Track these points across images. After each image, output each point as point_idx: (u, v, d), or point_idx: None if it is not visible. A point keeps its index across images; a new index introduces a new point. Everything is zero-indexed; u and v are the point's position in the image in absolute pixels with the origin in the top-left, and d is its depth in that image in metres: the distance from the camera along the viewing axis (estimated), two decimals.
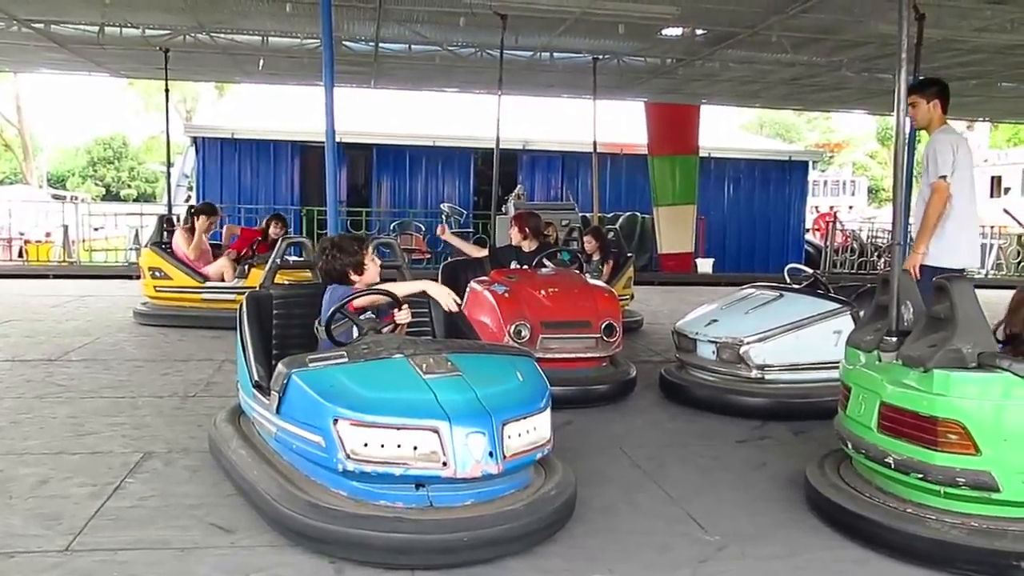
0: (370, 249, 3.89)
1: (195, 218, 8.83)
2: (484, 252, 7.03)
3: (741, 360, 5.29)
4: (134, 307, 8.78)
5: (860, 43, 9.46)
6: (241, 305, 4.11)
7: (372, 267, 3.85)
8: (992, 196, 30.15)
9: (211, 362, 6.56)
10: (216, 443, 3.94)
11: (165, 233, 9.13)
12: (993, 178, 31.81)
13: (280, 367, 3.29)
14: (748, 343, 5.27)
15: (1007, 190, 31.00)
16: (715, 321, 5.63)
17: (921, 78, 5.63)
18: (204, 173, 17.29)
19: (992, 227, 21.01)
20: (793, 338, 5.28)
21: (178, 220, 9.43)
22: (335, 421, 2.94)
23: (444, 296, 3.83)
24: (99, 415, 4.88)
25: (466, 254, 7.21)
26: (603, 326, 5.54)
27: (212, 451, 4.01)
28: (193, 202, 16.12)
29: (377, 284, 3.83)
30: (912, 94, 4.95)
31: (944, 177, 4.83)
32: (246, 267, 8.56)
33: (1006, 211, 22.81)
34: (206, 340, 7.50)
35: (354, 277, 3.80)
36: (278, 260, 6.40)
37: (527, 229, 6.69)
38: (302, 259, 8.31)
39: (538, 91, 14.49)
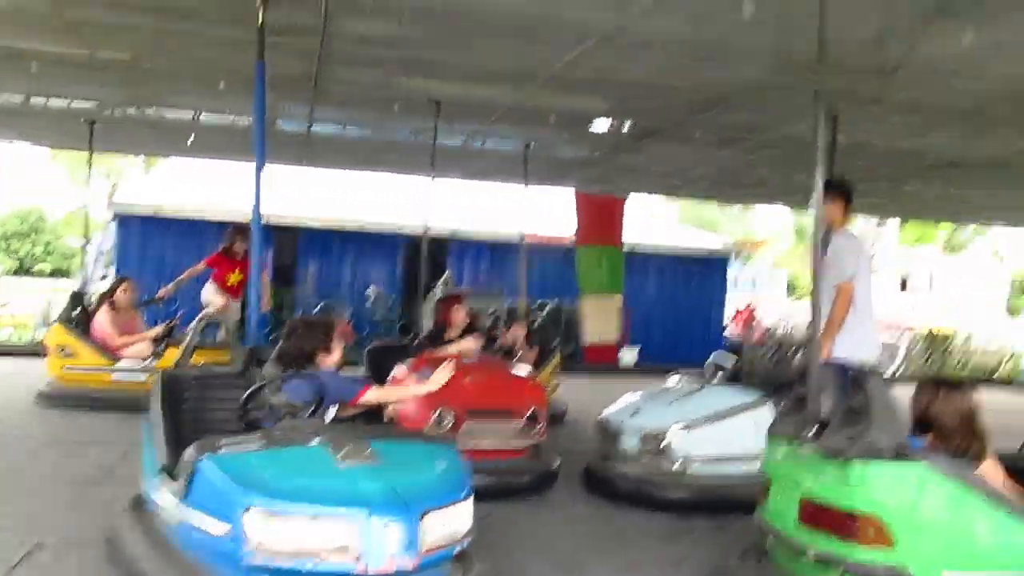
0: (337, 333, 3.87)
1: (113, 294, 8.56)
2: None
3: (664, 451, 5.29)
4: (38, 388, 8.33)
5: (778, 142, 9.90)
6: (153, 386, 3.94)
7: (338, 351, 3.81)
8: (902, 291, 31.50)
9: (116, 446, 6.23)
10: (114, 535, 3.69)
11: (78, 310, 8.79)
12: (901, 275, 33.32)
13: (190, 451, 3.13)
14: (671, 434, 5.27)
15: (914, 287, 32.47)
16: (639, 411, 5.65)
17: (826, 179, 5.94)
18: (124, 250, 16.80)
19: (901, 323, 21.89)
20: (715, 429, 5.31)
21: (92, 297, 9.12)
22: (245, 510, 2.79)
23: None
24: None
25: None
26: (527, 415, 5.49)
27: (109, 544, 3.75)
28: (110, 279, 15.65)
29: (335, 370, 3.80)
30: None
31: (849, 280, 5.14)
32: (161, 347, 8.26)
33: (913, 308, 23.82)
34: (113, 423, 7.14)
35: (320, 358, 3.75)
36: (195, 339, 6.20)
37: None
38: (220, 340, 8.08)
39: (470, 176, 14.70)
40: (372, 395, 3.74)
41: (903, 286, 32.85)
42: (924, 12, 5.44)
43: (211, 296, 9.24)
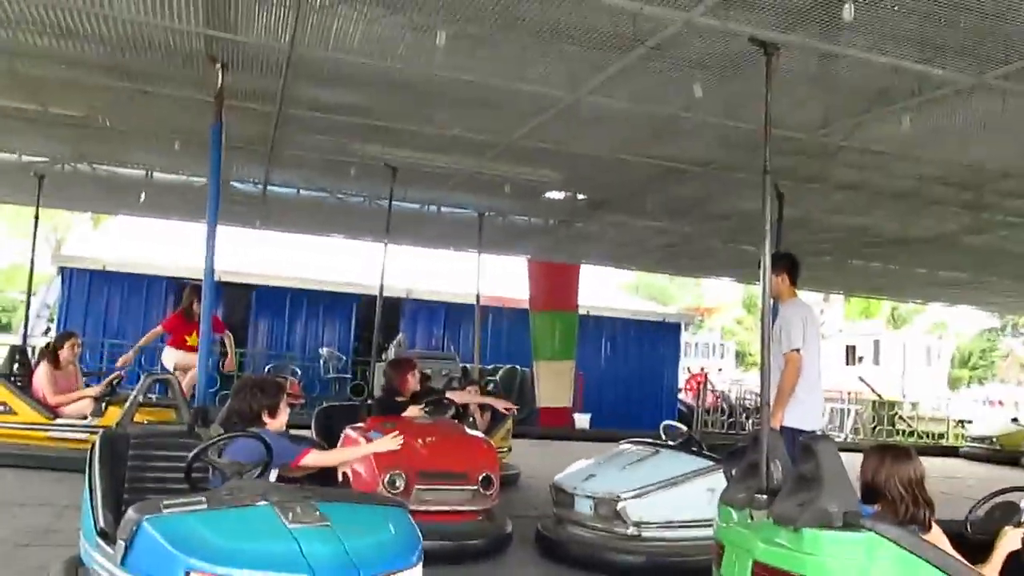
0: (285, 395, 3.82)
1: (58, 349, 8.34)
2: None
3: (618, 516, 5.27)
4: None
5: (726, 216, 10.17)
6: (93, 445, 3.82)
7: (284, 413, 3.76)
8: (847, 364, 32.15)
9: (51, 507, 6.00)
10: None
11: (17, 365, 8.54)
12: (848, 347, 34.05)
13: (130, 512, 3.03)
14: (625, 499, 5.27)
15: (860, 359, 33.16)
16: (592, 476, 5.63)
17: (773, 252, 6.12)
18: (68, 305, 16.45)
19: (849, 393, 22.29)
20: (669, 495, 5.32)
21: (33, 352, 8.87)
22: (186, 574, 2.70)
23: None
24: None
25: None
26: (480, 478, 5.44)
27: None
28: (52, 335, 15.23)
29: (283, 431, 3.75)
30: None
31: (797, 350, 5.21)
32: (103, 404, 8.03)
33: (861, 379, 24.30)
34: (50, 483, 6.88)
35: (267, 419, 3.68)
36: (139, 397, 6.04)
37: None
38: (166, 397, 7.89)
39: (425, 242, 14.75)
40: (312, 458, 3.68)
41: (849, 358, 33.53)
42: (865, 98, 5.72)
43: (178, 358, 8.89)
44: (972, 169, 7.48)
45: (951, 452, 17.97)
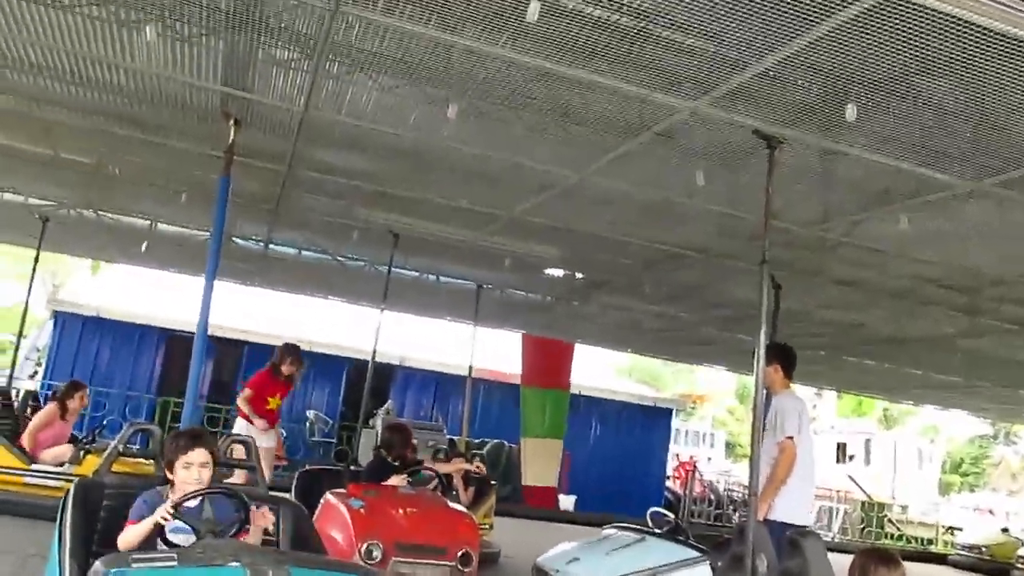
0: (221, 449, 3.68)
1: (67, 399, 8.22)
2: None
3: None
4: None
5: (723, 304, 10.20)
6: (67, 493, 3.73)
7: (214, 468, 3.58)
8: (838, 462, 31.81)
9: (14, 556, 5.82)
10: None
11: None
12: (839, 444, 33.75)
13: (97, 565, 2.94)
14: None
15: (851, 457, 32.83)
16: (576, 559, 5.51)
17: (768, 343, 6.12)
18: (58, 349, 16.36)
19: (838, 491, 22.00)
20: None
21: (17, 395, 8.76)
22: None
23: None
24: None
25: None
26: (460, 554, 5.31)
27: None
28: (39, 378, 15.11)
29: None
30: None
31: (791, 438, 5.18)
32: (80, 452, 7.88)
33: (851, 477, 24.02)
34: (18, 530, 6.71)
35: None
36: (119, 447, 5.93)
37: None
38: (147, 448, 7.73)
39: (421, 310, 14.76)
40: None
41: (840, 455, 33.21)
42: (865, 196, 5.81)
43: (244, 428, 7.79)
44: (969, 273, 7.54)
45: (940, 559, 17.65)
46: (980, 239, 6.42)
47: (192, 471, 3.42)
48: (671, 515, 6.59)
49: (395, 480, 6.19)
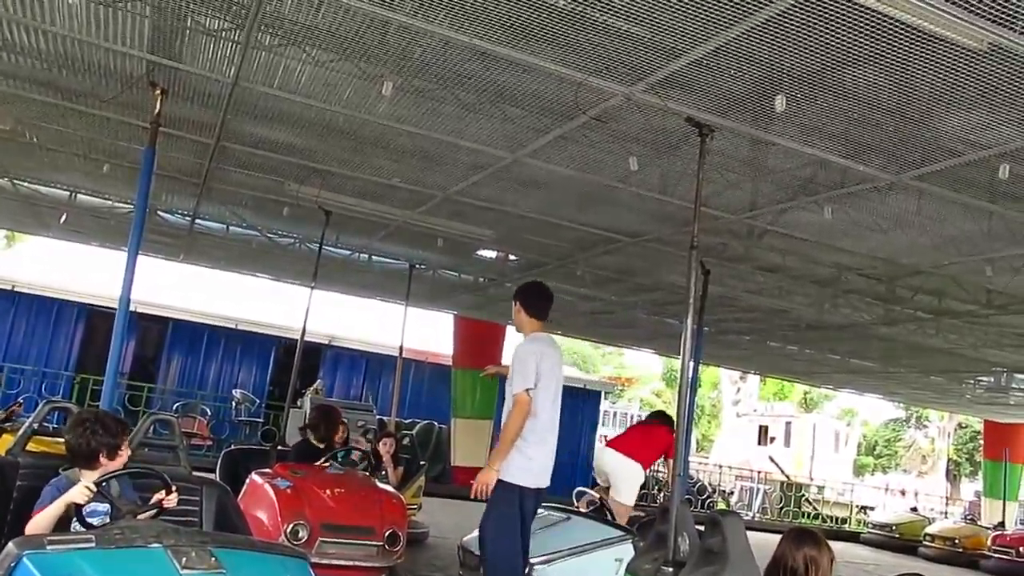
0: (128, 437, 3.54)
1: None
2: None
3: None
4: None
5: (653, 288, 10.37)
6: None
7: (124, 455, 3.46)
8: (759, 444, 32.80)
9: None
10: None
11: None
12: (761, 427, 34.77)
13: (10, 546, 2.83)
14: (534, 564, 5.19)
15: (772, 439, 33.87)
16: None
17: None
18: None
19: (758, 472, 22.69)
20: (577, 562, 5.27)
21: None
22: None
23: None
24: None
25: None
26: (387, 534, 5.31)
27: None
28: None
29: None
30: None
31: (528, 390, 4.54)
32: None
33: (771, 459, 24.79)
34: None
35: (104, 460, 3.37)
36: (35, 425, 5.73)
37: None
38: (64, 427, 7.49)
39: (352, 290, 14.61)
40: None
41: (761, 438, 34.21)
42: (791, 185, 5.97)
43: None
44: (887, 263, 7.83)
45: (853, 537, 18.38)
46: (898, 230, 6.66)
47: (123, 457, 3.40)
48: (596, 495, 6.70)
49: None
